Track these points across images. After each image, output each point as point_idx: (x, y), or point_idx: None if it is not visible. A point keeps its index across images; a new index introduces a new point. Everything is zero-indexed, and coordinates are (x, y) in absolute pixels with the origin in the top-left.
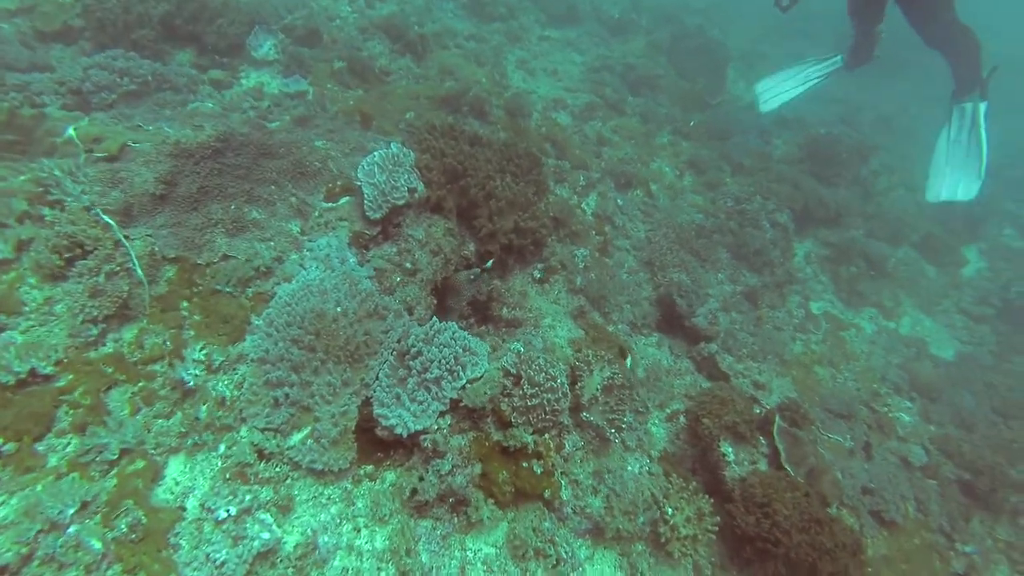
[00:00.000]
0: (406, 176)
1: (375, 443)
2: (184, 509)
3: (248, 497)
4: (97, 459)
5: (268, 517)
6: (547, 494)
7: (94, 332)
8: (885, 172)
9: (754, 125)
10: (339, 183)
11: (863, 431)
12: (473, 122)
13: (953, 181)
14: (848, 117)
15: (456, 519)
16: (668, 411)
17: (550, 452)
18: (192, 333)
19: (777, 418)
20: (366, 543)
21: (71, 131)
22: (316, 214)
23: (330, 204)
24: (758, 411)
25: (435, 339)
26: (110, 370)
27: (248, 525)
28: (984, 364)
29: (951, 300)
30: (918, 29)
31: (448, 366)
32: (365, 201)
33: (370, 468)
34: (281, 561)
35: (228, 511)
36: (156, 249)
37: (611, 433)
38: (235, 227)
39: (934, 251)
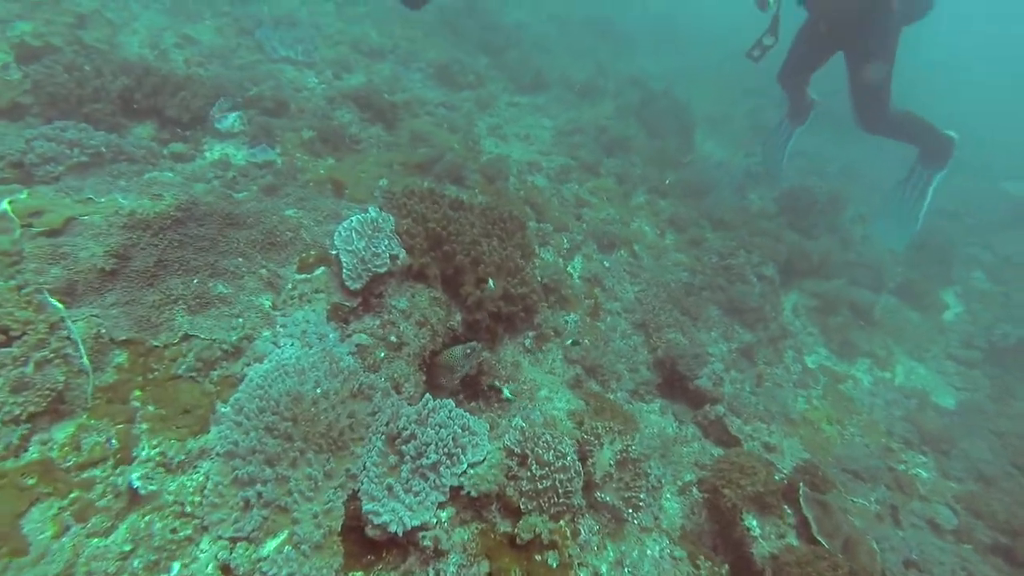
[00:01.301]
0: (387, 242)
1: (364, 544)
2: None
3: None
4: None
5: None
6: None
7: (14, 437)
8: (859, 221)
9: (727, 182)
10: (313, 253)
11: (884, 492)
12: (451, 187)
13: (890, 229)
14: (815, 169)
15: None
16: (679, 483)
17: (567, 541)
18: (145, 427)
19: (802, 484)
20: None
21: (5, 205)
22: (289, 286)
23: (304, 275)
24: (777, 477)
25: (429, 419)
26: (31, 481)
27: None
28: (986, 410)
29: (939, 346)
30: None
31: (447, 449)
32: (344, 270)
33: (360, 574)
34: None
35: None
36: (103, 331)
37: (628, 513)
38: (198, 303)
39: (914, 296)
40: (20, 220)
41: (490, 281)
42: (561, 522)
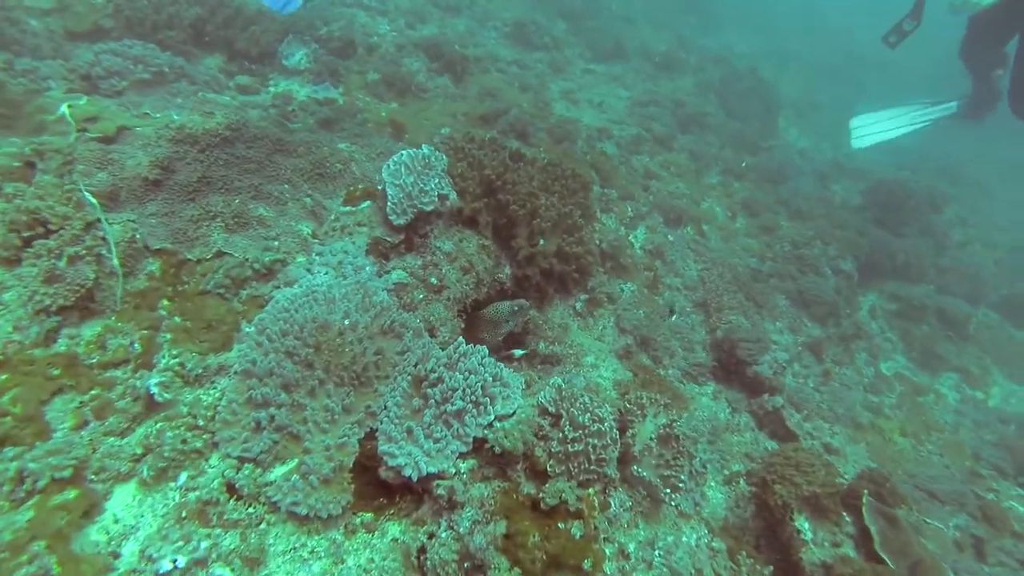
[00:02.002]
0: (437, 181)
1: (378, 486)
2: (117, 556)
3: (205, 544)
4: (17, 486)
5: (226, 573)
6: (587, 565)
7: (43, 326)
8: (959, 224)
9: (810, 170)
10: (361, 187)
11: (966, 519)
12: (514, 142)
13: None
14: (910, 165)
15: None
16: (727, 472)
17: (594, 512)
18: (168, 337)
19: (866, 493)
20: None
21: (64, 108)
22: (332, 217)
23: (348, 208)
24: (839, 481)
25: (459, 364)
26: (56, 372)
27: None
28: None
29: None
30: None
31: (474, 397)
32: (388, 203)
33: (369, 516)
34: None
35: (175, 562)
36: (138, 237)
37: (665, 494)
38: (236, 223)
39: (1021, 313)
40: (76, 124)
41: (540, 239)
42: (590, 490)
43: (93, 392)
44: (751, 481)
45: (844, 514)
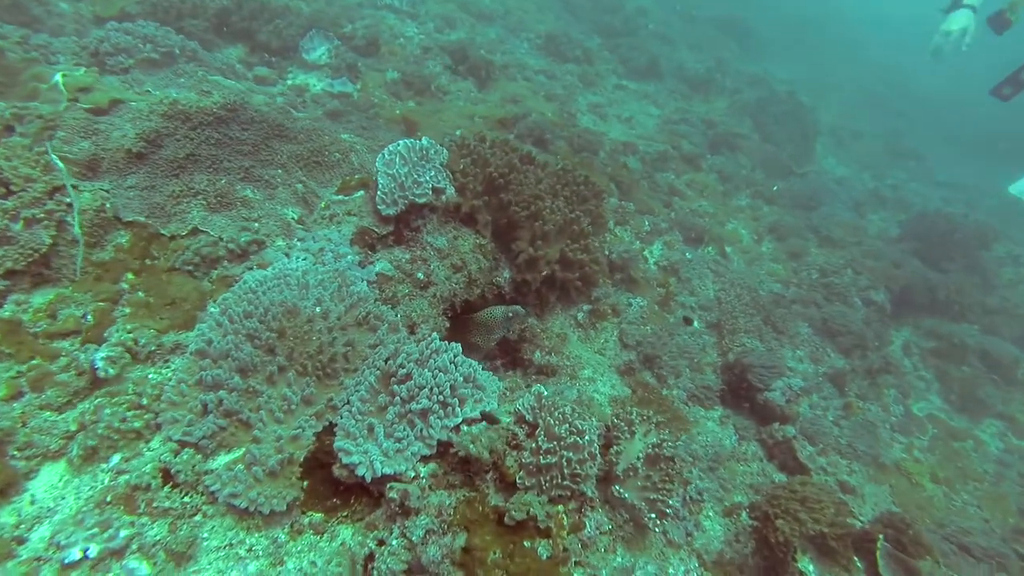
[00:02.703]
0: (432, 174)
1: (333, 485)
2: (23, 542)
3: (125, 533)
4: None
5: (143, 567)
6: None
7: None
8: (1011, 263)
9: (846, 198)
10: (358, 177)
11: None
12: (531, 148)
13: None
14: (965, 200)
15: None
16: (727, 503)
17: (562, 531)
18: (127, 312)
19: (881, 537)
20: None
21: (58, 77)
22: (322, 205)
23: (341, 197)
24: (851, 522)
25: (430, 361)
26: None
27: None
28: None
29: None
30: None
31: (441, 397)
32: (378, 192)
33: (319, 517)
34: None
35: (85, 551)
36: (108, 207)
37: (650, 519)
38: (219, 202)
39: None
40: (68, 94)
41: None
42: (560, 508)
43: (33, 362)
44: (754, 515)
45: (855, 559)
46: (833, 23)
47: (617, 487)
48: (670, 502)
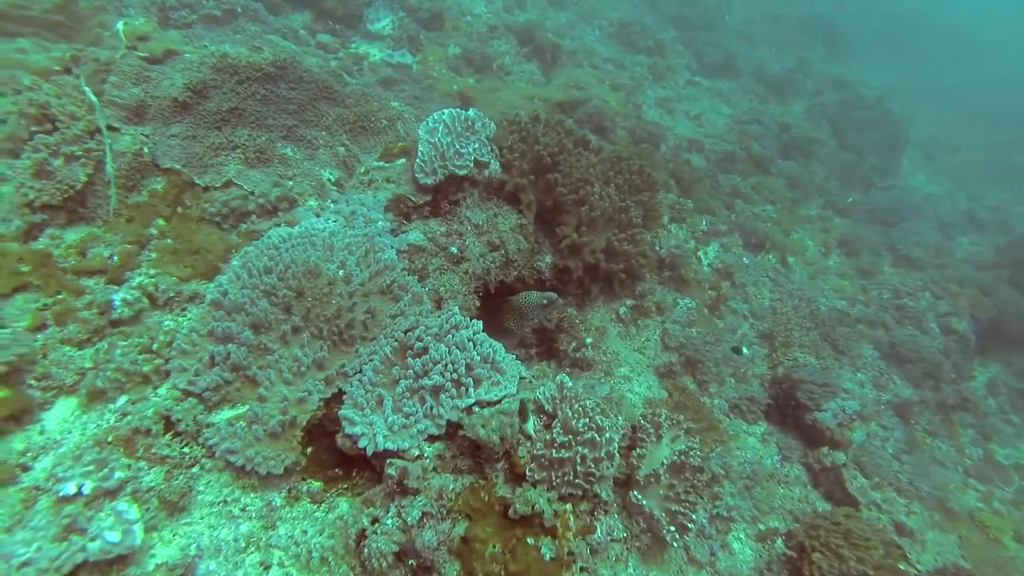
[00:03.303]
0: (476, 146)
1: (337, 454)
2: (27, 469)
3: (120, 476)
4: None
5: (133, 512)
6: None
7: (24, 220)
8: None
9: (932, 216)
10: (401, 145)
11: None
12: (589, 135)
13: None
14: None
15: None
16: (762, 527)
17: (568, 531)
18: (153, 256)
19: None
20: None
21: (120, 25)
22: (362, 170)
23: (382, 163)
24: (904, 568)
25: (448, 336)
26: (25, 269)
27: (97, 516)
28: None
29: None
30: None
31: (455, 375)
32: (417, 160)
33: (318, 485)
34: None
35: (80, 487)
36: (146, 151)
37: (668, 532)
38: (257, 157)
39: None
40: (127, 41)
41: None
42: (568, 507)
43: (59, 296)
44: (790, 544)
45: None
46: (937, 21)
47: (636, 493)
48: (693, 516)
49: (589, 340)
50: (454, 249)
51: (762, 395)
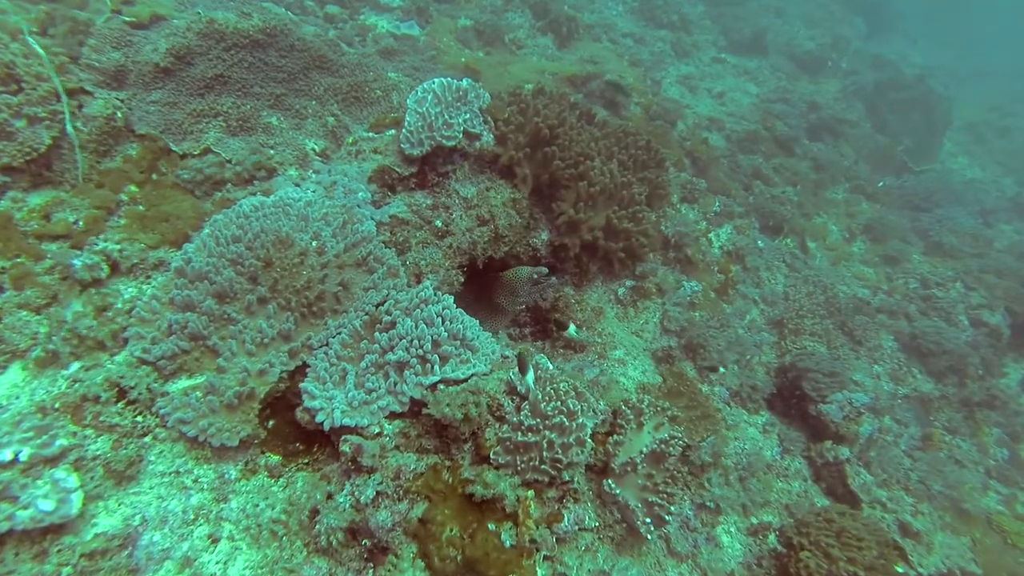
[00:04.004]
0: (467, 116)
1: (299, 428)
2: None
3: (62, 443)
4: None
5: (72, 480)
6: None
7: None
8: None
9: (972, 201)
10: (393, 116)
11: None
12: (601, 111)
13: None
14: None
15: (365, 572)
16: (754, 521)
17: (528, 520)
18: (123, 222)
19: None
20: (216, 567)
21: None
22: (350, 140)
23: (371, 134)
24: (902, 571)
25: (417, 311)
26: None
27: (32, 484)
28: None
29: None
30: None
31: (420, 351)
32: (404, 131)
33: (276, 459)
34: (53, 552)
35: (17, 454)
36: (119, 116)
37: (643, 524)
38: (240, 125)
39: None
40: (112, 5)
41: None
42: (530, 493)
43: (18, 260)
44: (782, 539)
45: None
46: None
47: (610, 482)
48: (672, 508)
49: (577, 318)
50: (439, 222)
51: (766, 384)
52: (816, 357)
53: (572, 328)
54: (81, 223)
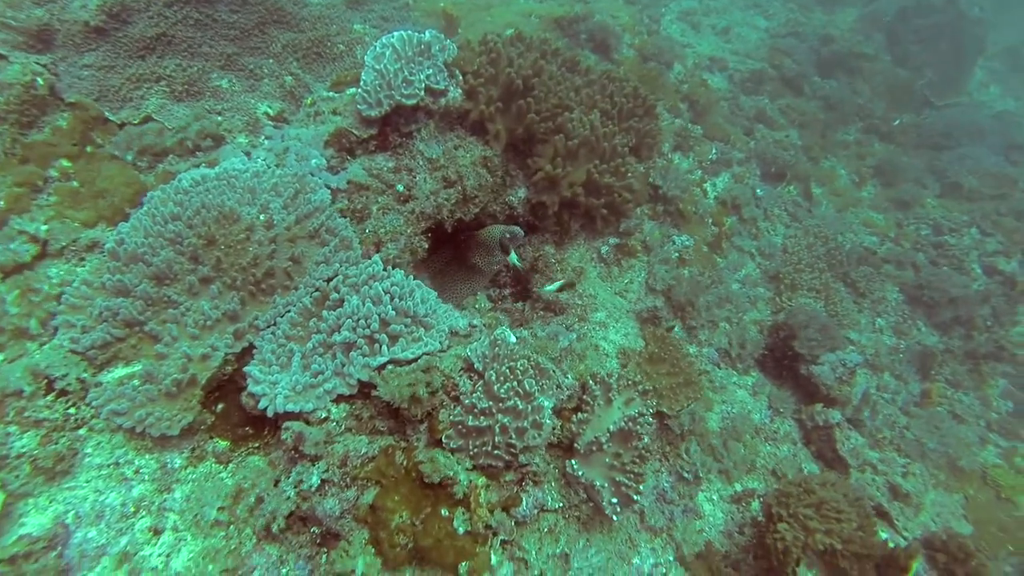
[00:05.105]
0: (430, 72)
1: (249, 414)
2: None
3: None
4: None
5: None
6: (463, 570)
7: None
8: None
9: (999, 139)
10: (355, 72)
11: None
12: (590, 55)
13: None
14: None
15: (318, 559)
16: (738, 487)
17: (480, 508)
18: (53, 200)
19: (919, 560)
20: (159, 559)
21: None
22: (308, 101)
23: (332, 94)
24: (886, 538)
25: (365, 288)
26: None
27: None
28: None
29: None
30: None
31: (368, 331)
32: (360, 91)
33: (224, 445)
34: None
35: None
36: (40, 83)
37: (609, 505)
38: (186, 91)
39: None
40: None
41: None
42: (481, 480)
43: None
44: (763, 509)
45: None
46: None
47: (574, 463)
48: (641, 488)
49: (557, 279)
50: (400, 187)
51: (758, 342)
52: (810, 314)
53: (549, 286)
54: (2, 202)
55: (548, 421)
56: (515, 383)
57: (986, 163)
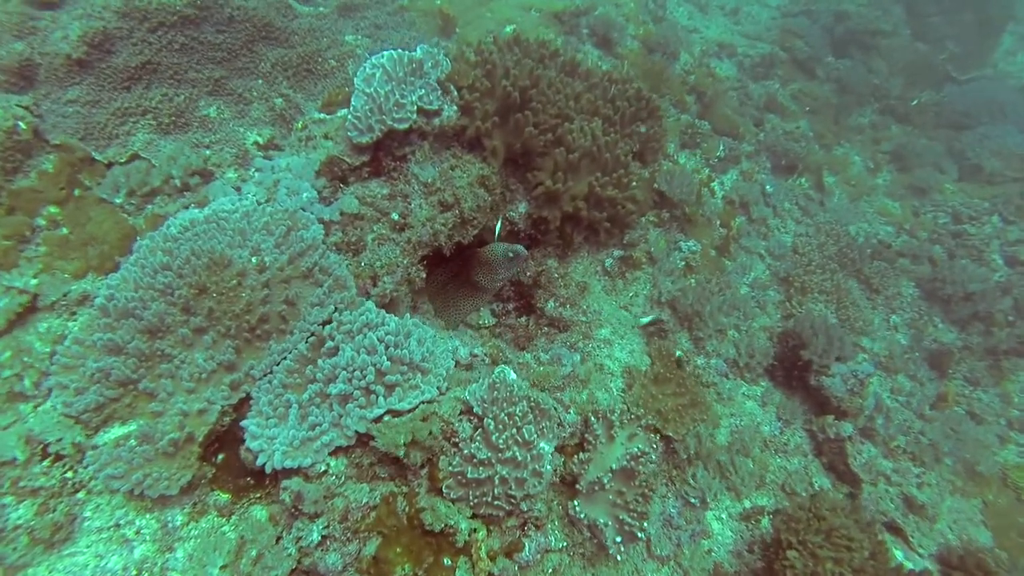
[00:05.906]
0: (423, 92)
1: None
2: None
3: None
4: None
5: None
6: None
7: None
8: None
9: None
10: (347, 90)
11: None
12: (592, 50)
13: None
14: None
15: None
16: (747, 504)
17: (481, 562)
18: (41, 251)
19: None
20: None
21: None
22: (299, 125)
23: (323, 115)
24: (901, 557)
25: (359, 337)
26: None
27: None
28: None
29: None
30: None
31: (364, 382)
32: (350, 116)
33: (226, 497)
34: None
35: None
36: (22, 126)
37: (613, 544)
38: (173, 122)
39: None
40: None
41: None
42: (481, 533)
43: None
44: (772, 534)
45: None
46: None
47: (576, 504)
48: (643, 524)
49: (560, 294)
50: (395, 215)
51: (767, 350)
52: (817, 321)
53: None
54: None
55: (548, 468)
56: (514, 431)
57: (1010, 142)
